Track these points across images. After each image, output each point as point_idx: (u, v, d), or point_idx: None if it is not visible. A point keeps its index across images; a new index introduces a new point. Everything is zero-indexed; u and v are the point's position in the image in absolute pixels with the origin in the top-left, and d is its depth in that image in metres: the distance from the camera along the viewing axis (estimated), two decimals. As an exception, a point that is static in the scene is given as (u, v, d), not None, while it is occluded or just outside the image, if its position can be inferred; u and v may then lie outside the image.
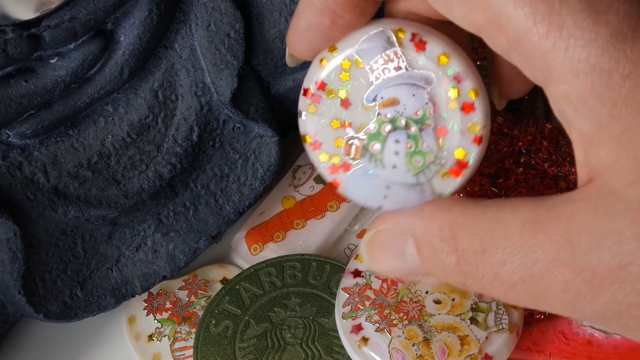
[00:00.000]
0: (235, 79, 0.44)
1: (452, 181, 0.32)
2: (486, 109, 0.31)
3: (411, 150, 0.32)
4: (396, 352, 0.40)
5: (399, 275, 0.33)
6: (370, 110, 0.32)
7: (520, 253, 0.28)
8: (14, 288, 0.41)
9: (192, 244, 0.45)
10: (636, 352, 0.42)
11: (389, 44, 0.31)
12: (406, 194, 0.32)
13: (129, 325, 0.45)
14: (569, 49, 0.27)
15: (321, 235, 0.46)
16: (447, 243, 0.30)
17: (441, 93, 0.31)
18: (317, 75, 0.32)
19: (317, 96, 0.32)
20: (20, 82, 0.40)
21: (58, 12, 0.40)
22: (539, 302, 0.29)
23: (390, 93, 0.32)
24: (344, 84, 0.32)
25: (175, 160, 0.44)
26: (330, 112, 0.32)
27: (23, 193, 0.41)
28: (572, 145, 0.29)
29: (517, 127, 0.46)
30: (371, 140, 0.32)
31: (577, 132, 0.28)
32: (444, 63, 0.31)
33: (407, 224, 0.31)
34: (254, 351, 0.42)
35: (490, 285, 0.29)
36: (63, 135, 0.42)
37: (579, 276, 0.27)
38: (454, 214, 0.30)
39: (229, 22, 0.44)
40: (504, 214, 0.29)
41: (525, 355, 0.42)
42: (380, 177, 0.32)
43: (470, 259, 0.29)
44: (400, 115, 0.32)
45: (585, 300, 0.28)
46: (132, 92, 0.43)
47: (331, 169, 0.33)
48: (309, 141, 0.33)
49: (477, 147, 0.31)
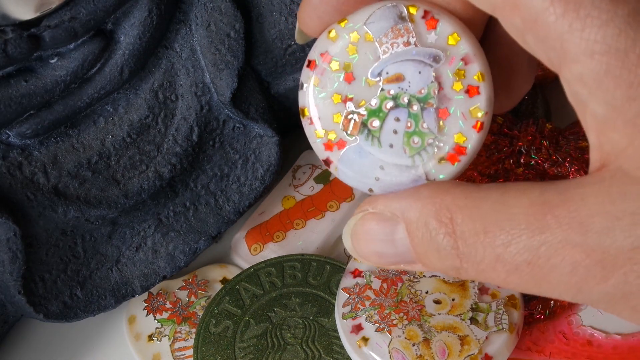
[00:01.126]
0: (235, 79, 0.44)
1: (448, 167, 0.31)
2: (490, 95, 0.31)
3: (410, 130, 0.31)
4: (396, 352, 0.40)
5: (386, 262, 0.32)
6: (374, 85, 0.31)
7: (525, 234, 0.28)
8: (14, 288, 0.41)
9: (192, 244, 0.45)
10: (636, 352, 0.42)
11: (401, 19, 0.31)
12: (399, 176, 0.32)
13: (129, 325, 0.45)
14: (585, 29, 0.26)
15: (321, 235, 0.46)
16: (445, 224, 0.29)
17: (447, 73, 0.31)
18: (323, 47, 0.32)
19: (322, 69, 0.32)
20: (20, 82, 0.40)
21: (58, 12, 0.40)
22: (541, 286, 0.28)
23: (396, 69, 0.31)
24: (351, 57, 0.31)
25: (175, 160, 0.44)
26: (333, 86, 0.32)
27: (23, 193, 0.41)
28: (585, 129, 0.28)
29: (517, 127, 0.46)
30: (371, 116, 0.31)
31: (591, 114, 0.28)
32: (454, 43, 0.31)
33: (399, 207, 0.30)
34: (254, 351, 0.42)
35: (490, 268, 0.29)
36: (63, 135, 0.42)
37: (589, 257, 0.27)
38: (453, 196, 0.29)
39: (229, 22, 0.44)
40: (509, 197, 0.28)
41: (525, 355, 0.42)
42: (374, 157, 0.32)
43: (470, 241, 0.29)
44: (403, 93, 0.31)
45: (594, 281, 0.27)
46: (132, 92, 0.43)
47: (326, 145, 0.32)
48: (307, 115, 0.32)
49: (477, 133, 0.31)
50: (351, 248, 0.32)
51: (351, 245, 0.32)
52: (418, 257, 0.31)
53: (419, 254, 0.30)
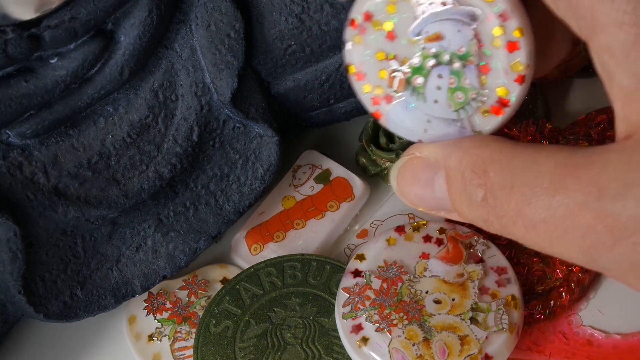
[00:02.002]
0: (235, 79, 0.44)
1: (493, 119, 0.32)
2: (531, 49, 0.31)
3: (453, 86, 0.32)
4: (396, 352, 0.40)
5: (426, 206, 0.33)
6: (415, 44, 0.32)
7: (546, 194, 0.28)
8: (14, 288, 0.41)
9: (192, 244, 0.45)
10: (636, 352, 0.42)
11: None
12: (446, 128, 0.32)
13: (129, 325, 0.45)
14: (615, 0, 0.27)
15: (321, 235, 0.46)
16: (478, 176, 0.30)
17: (486, 30, 0.31)
18: (364, 5, 0.32)
19: (363, 27, 0.32)
20: (20, 82, 0.40)
21: (58, 12, 0.40)
22: (556, 246, 0.29)
23: (436, 28, 0.31)
24: (391, 16, 0.32)
25: (175, 160, 0.44)
26: (376, 44, 0.32)
27: (23, 193, 0.41)
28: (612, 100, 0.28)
29: (517, 127, 0.46)
30: (414, 73, 0.32)
31: (618, 85, 0.28)
32: (491, 0, 0.31)
33: (442, 154, 0.31)
34: (254, 351, 0.42)
35: (511, 222, 0.29)
36: (63, 135, 0.42)
37: (601, 222, 0.27)
38: (490, 150, 0.30)
39: (229, 22, 0.44)
40: (539, 156, 0.29)
41: (525, 355, 0.42)
42: (421, 111, 0.32)
43: (498, 194, 0.29)
44: (444, 51, 0.32)
45: (604, 247, 0.27)
46: (132, 92, 0.43)
47: (374, 100, 0.33)
48: (352, 71, 0.33)
49: (520, 86, 0.31)
50: (396, 188, 0.33)
51: (396, 186, 0.33)
52: (453, 204, 0.31)
53: (453, 201, 0.31)
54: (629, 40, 0.27)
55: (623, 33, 0.27)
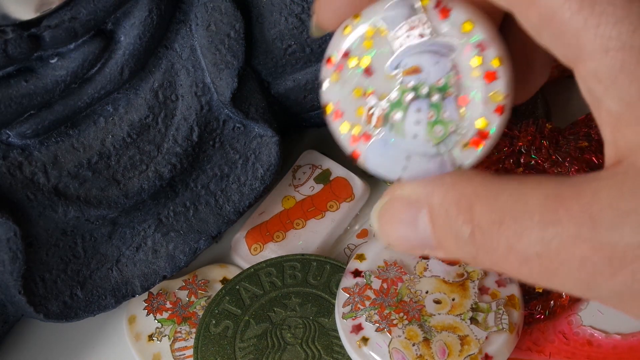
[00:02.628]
0: (235, 79, 0.44)
1: (473, 152, 0.32)
2: (510, 78, 0.31)
3: (432, 120, 0.31)
4: (396, 352, 0.40)
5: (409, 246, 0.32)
6: (392, 78, 0.32)
7: (538, 227, 0.28)
8: (14, 288, 0.41)
9: (192, 244, 0.45)
10: (636, 352, 0.42)
11: (414, 11, 0.31)
12: (426, 164, 0.32)
13: (129, 325, 0.45)
14: (600, 26, 0.27)
15: (321, 235, 0.46)
16: (464, 213, 0.30)
17: (464, 61, 0.31)
18: (340, 43, 0.32)
19: (340, 64, 0.32)
20: (20, 82, 0.40)
21: (58, 12, 0.40)
22: (552, 279, 0.28)
23: (413, 60, 0.31)
24: (367, 51, 0.32)
25: (175, 160, 0.44)
26: (353, 81, 0.32)
27: (23, 193, 0.41)
28: (600, 125, 0.28)
29: (517, 127, 0.46)
30: (393, 108, 0.32)
31: (606, 110, 0.28)
32: (468, 30, 0.31)
33: (424, 192, 0.31)
34: (254, 351, 0.42)
35: (503, 258, 0.29)
36: (63, 135, 0.42)
37: (597, 253, 0.27)
38: (474, 185, 0.30)
39: (229, 22, 0.44)
40: (526, 189, 0.29)
41: (525, 355, 0.42)
42: (400, 147, 0.32)
43: (486, 230, 0.29)
44: (422, 83, 0.31)
45: (602, 277, 0.27)
46: (132, 92, 0.43)
47: (352, 139, 0.32)
48: (330, 110, 0.32)
49: (499, 117, 0.31)
50: (378, 229, 0.33)
51: (378, 227, 0.33)
52: (438, 242, 0.31)
53: (438, 239, 0.31)
54: (616, 65, 0.27)
55: (609, 59, 0.27)
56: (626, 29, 0.26)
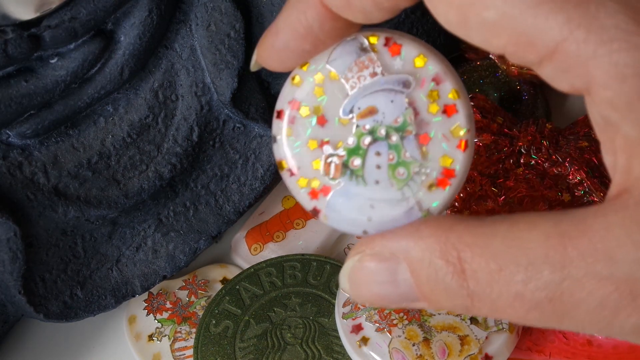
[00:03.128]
0: (235, 79, 0.44)
1: (440, 193, 0.30)
2: (469, 111, 0.30)
3: (393, 162, 0.30)
4: (396, 352, 0.40)
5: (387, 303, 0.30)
6: (347, 123, 0.30)
7: (547, 269, 0.27)
8: (14, 288, 0.41)
9: (192, 244, 0.45)
10: (636, 352, 0.42)
11: (363, 51, 0.30)
12: (391, 212, 0.30)
13: (129, 325, 0.45)
14: (612, 54, 0.26)
15: (321, 235, 0.46)
16: (452, 264, 0.28)
17: (421, 96, 0.30)
18: (290, 95, 0.31)
19: (292, 117, 0.30)
20: (20, 82, 0.40)
21: (58, 12, 0.40)
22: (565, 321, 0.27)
23: (368, 102, 0.30)
24: (319, 100, 0.30)
25: (175, 160, 0.44)
26: (306, 133, 0.30)
27: (23, 193, 0.41)
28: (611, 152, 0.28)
29: (517, 127, 0.46)
30: (351, 155, 0.30)
31: (623, 137, 0.27)
32: (421, 65, 0.30)
33: (398, 247, 0.29)
34: (254, 351, 0.42)
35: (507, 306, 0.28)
36: (63, 135, 0.42)
37: (618, 289, 0.26)
38: (457, 233, 0.28)
39: (229, 22, 0.44)
40: (519, 231, 0.27)
41: (525, 355, 0.42)
42: (362, 197, 0.30)
43: (483, 280, 0.28)
44: (379, 125, 0.30)
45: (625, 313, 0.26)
46: (132, 92, 0.43)
47: (311, 194, 0.31)
48: (285, 167, 0.31)
49: (463, 152, 0.30)
50: (350, 292, 0.31)
51: (349, 290, 0.31)
52: (423, 296, 0.29)
53: (424, 293, 0.29)
54: (632, 92, 0.26)
55: (626, 86, 0.26)
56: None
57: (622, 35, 0.26)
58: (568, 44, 0.26)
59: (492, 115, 0.46)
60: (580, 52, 0.26)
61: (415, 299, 0.30)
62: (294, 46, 0.30)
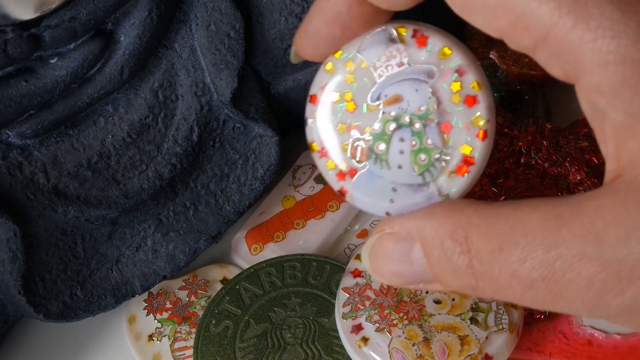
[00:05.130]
0: (235, 79, 0.44)
1: (459, 179, 0.31)
2: (490, 102, 0.31)
3: (416, 148, 0.31)
4: (396, 352, 0.40)
5: (404, 282, 0.32)
6: (374, 110, 0.32)
7: (541, 249, 0.27)
8: (14, 288, 0.41)
9: (192, 244, 0.45)
10: (636, 352, 0.42)
11: (391, 41, 0.31)
12: (412, 195, 0.32)
13: (129, 325, 0.45)
14: (596, 41, 0.27)
15: (321, 235, 0.46)
16: (460, 244, 0.29)
17: (444, 86, 0.31)
18: (322, 80, 0.32)
19: (324, 101, 0.32)
20: (20, 82, 0.40)
21: (58, 12, 0.40)
22: (558, 301, 0.28)
23: (394, 90, 0.31)
24: (349, 86, 0.32)
25: (175, 160, 0.44)
26: (337, 117, 0.32)
27: (23, 193, 0.41)
28: (601, 139, 0.28)
29: (517, 127, 0.46)
30: (376, 140, 0.32)
31: (610, 123, 0.27)
32: (446, 56, 0.31)
33: (415, 227, 0.30)
34: (254, 351, 0.42)
35: (506, 285, 0.28)
36: (63, 135, 0.42)
37: (605, 270, 0.27)
38: (467, 215, 0.29)
39: (229, 22, 0.44)
40: (522, 213, 0.28)
41: (525, 355, 0.42)
42: (386, 180, 0.32)
43: (486, 259, 0.29)
44: (404, 112, 0.31)
45: (611, 294, 0.27)
46: (132, 92, 0.43)
47: (338, 176, 0.32)
48: (315, 149, 0.33)
49: (482, 142, 0.31)
50: (370, 268, 0.32)
51: (370, 266, 0.32)
52: (435, 276, 0.30)
53: (435, 273, 0.30)
54: (617, 79, 0.27)
55: (609, 73, 0.27)
56: (625, 43, 0.26)
57: (608, 23, 0.27)
58: (558, 29, 0.27)
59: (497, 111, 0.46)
60: (568, 38, 0.27)
61: (429, 280, 0.31)
62: (325, 32, 0.32)
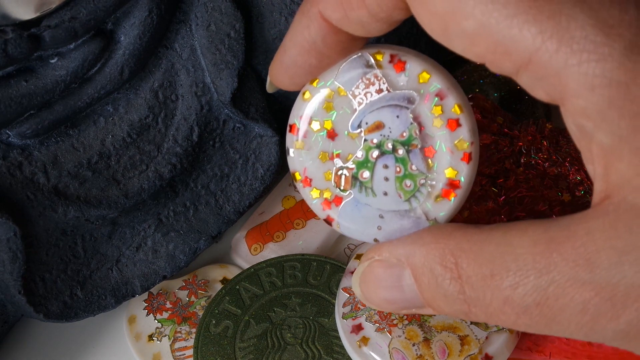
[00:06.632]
0: (235, 79, 0.44)
1: (446, 203, 0.31)
2: (472, 124, 0.31)
3: (400, 174, 0.31)
4: (396, 352, 0.40)
5: (396, 308, 0.32)
6: (356, 137, 0.31)
7: (533, 275, 0.27)
8: (14, 288, 0.41)
9: (192, 244, 0.45)
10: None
11: (369, 67, 0.31)
12: (399, 221, 0.32)
13: (129, 325, 0.45)
14: (582, 64, 0.26)
15: (321, 235, 0.46)
16: (450, 270, 0.29)
17: (425, 111, 0.31)
18: (301, 109, 0.32)
19: (303, 131, 0.32)
20: (20, 82, 0.40)
21: (58, 12, 0.40)
22: (553, 326, 0.28)
23: (375, 117, 0.31)
24: (329, 114, 0.32)
25: (176, 160, 0.44)
26: (318, 146, 0.32)
27: (23, 193, 0.41)
28: (589, 161, 0.28)
29: (517, 127, 0.46)
30: (360, 168, 0.32)
31: (598, 144, 0.27)
32: (425, 81, 0.31)
33: (403, 253, 0.30)
34: (254, 351, 0.42)
35: (499, 311, 0.28)
36: (63, 135, 0.42)
37: (598, 295, 0.26)
38: (456, 240, 0.29)
39: (229, 22, 0.44)
40: (512, 237, 0.28)
41: (525, 355, 0.42)
42: (372, 207, 0.32)
43: (477, 285, 0.28)
44: (386, 139, 0.31)
45: (605, 319, 0.27)
46: (132, 92, 0.43)
47: (323, 205, 0.32)
48: (299, 178, 0.33)
49: (467, 165, 0.31)
50: (361, 296, 0.32)
51: (361, 293, 0.32)
52: (426, 302, 0.30)
53: (426, 299, 0.30)
54: (604, 101, 0.26)
55: (596, 96, 0.26)
56: (610, 66, 0.26)
57: (592, 46, 0.26)
58: (541, 54, 0.27)
59: (492, 115, 0.46)
60: (552, 61, 0.27)
61: (421, 305, 0.31)
62: (301, 62, 0.32)
